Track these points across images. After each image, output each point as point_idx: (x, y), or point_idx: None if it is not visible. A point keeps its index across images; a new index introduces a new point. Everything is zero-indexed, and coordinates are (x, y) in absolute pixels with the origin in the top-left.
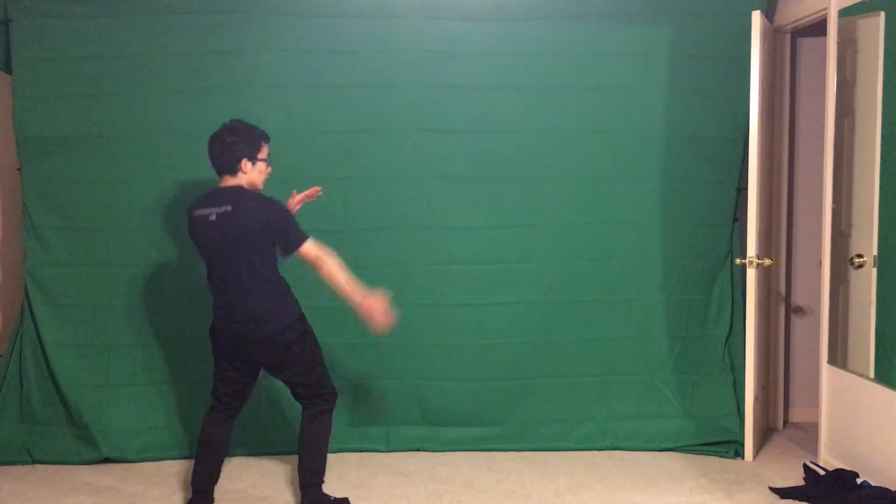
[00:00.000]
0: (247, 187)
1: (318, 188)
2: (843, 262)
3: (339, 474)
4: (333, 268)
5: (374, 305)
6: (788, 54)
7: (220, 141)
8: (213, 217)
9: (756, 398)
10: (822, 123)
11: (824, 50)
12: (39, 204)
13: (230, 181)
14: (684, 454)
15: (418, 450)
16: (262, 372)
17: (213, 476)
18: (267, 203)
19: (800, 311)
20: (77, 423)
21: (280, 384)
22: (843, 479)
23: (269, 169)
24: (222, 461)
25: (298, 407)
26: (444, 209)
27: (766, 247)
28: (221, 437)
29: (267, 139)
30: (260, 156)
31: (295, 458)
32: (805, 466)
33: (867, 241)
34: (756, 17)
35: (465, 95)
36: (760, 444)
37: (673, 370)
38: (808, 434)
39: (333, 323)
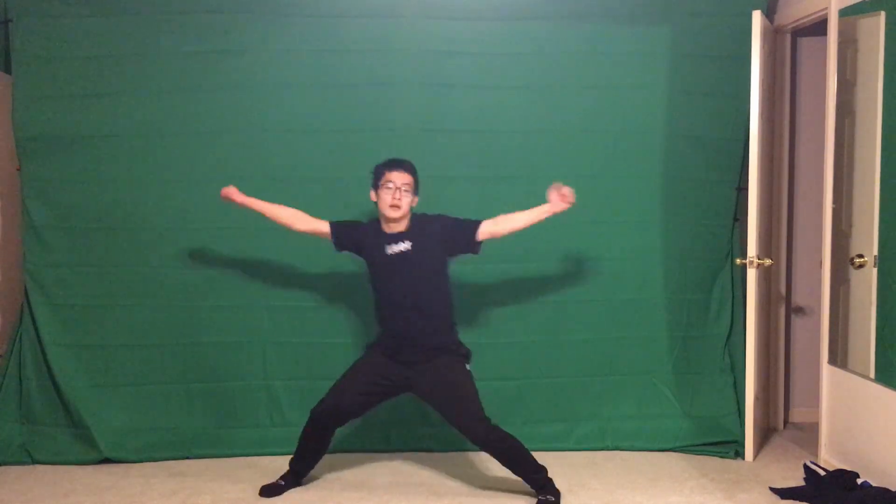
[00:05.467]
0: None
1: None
2: (844, 262)
3: (340, 474)
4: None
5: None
6: (789, 54)
7: None
8: None
9: (756, 398)
10: (822, 123)
11: (825, 50)
12: (39, 204)
13: None
14: (684, 454)
15: (418, 450)
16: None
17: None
18: None
19: (800, 311)
20: (77, 423)
21: (276, 385)
22: (843, 479)
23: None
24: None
25: (296, 406)
26: (444, 209)
27: (767, 247)
28: None
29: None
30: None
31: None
32: (805, 467)
33: (867, 241)
34: (756, 17)
35: (465, 95)
36: (761, 444)
37: (673, 370)
38: (808, 434)
39: (332, 323)
